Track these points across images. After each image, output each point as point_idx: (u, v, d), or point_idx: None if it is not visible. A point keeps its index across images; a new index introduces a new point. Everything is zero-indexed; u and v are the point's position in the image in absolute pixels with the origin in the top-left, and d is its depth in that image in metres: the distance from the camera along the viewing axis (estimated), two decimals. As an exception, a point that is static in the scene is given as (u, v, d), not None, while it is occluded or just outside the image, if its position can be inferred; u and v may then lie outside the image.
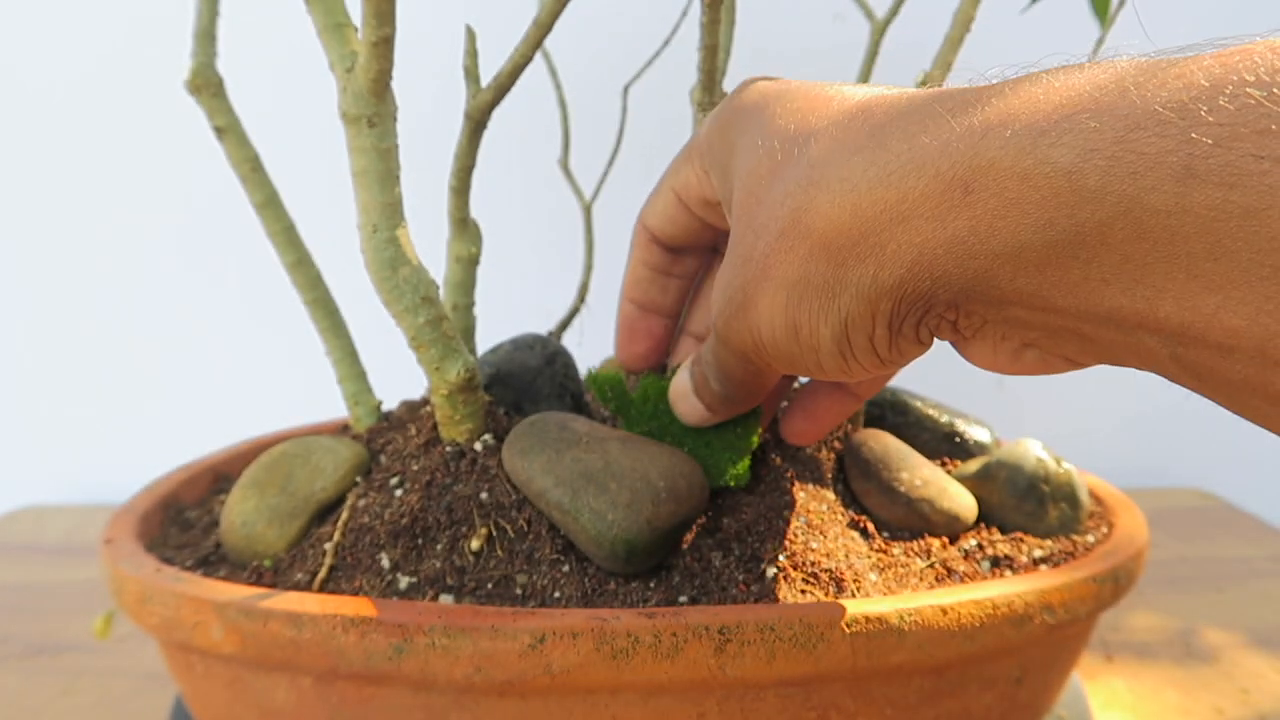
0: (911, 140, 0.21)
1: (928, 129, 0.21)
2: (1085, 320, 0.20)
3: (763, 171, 0.26)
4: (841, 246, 0.23)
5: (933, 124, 0.21)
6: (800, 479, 0.38)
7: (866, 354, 0.25)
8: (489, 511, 0.34)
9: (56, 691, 0.51)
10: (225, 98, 0.38)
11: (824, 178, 0.23)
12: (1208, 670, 0.53)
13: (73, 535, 0.78)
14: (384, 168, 0.33)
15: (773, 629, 0.28)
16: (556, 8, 0.35)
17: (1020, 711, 0.34)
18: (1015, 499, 0.39)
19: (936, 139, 0.21)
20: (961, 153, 0.20)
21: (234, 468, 0.45)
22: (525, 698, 0.29)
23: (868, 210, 0.22)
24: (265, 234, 0.40)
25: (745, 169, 0.27)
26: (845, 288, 0.23)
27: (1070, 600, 0.32)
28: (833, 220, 0.23)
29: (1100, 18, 0.43)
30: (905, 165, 0.21)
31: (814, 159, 0.24)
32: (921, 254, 0.21)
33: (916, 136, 0.21)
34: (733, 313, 0.27)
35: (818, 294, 0.24)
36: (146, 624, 0.32)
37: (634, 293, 0.36)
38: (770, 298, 0.25)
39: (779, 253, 0.24)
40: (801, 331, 0.25)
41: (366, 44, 0.31)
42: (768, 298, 0.25)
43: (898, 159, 0.21)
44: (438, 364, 0.35)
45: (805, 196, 0.23)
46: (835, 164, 0.23)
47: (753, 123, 0.27)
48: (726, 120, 0.29)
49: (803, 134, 0.25)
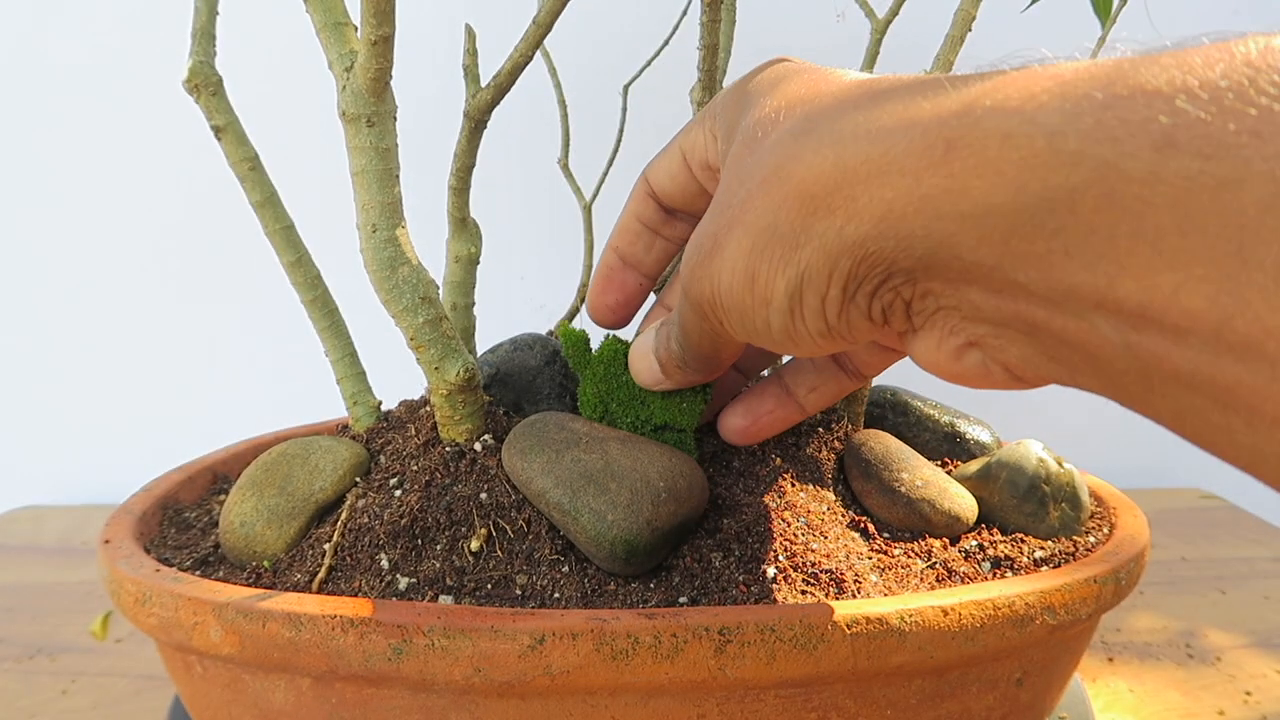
0: (908, 103, 0.22)
1: (927, 95, 0.22)
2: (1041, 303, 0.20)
3: (764, 126, 0.26)
4: (815, 195, 0.23)
5: (933, 92, 0.22)
6: (800, 479, 0.38)
7: (816, 316, 0.24)
8: (488, 512, 0.34)
9: (54, 692, 0.51)
10: (224, 97, 0.38)
11: (816, 128, 0.23)
12: (1209, 671, 0.53)
13: (71, 536, 0.77)
14: (383, 167, 0.33)
15: (773, 630, 0.28)
16: (556, 7, 0.34)
17: (1022, 713, 0.34)
18: (1016, 500, 0.39)
19: (932, 103, 0.21)
20: (953, 113, 0.21)
21: (232, 468, 0.45)
22: (525, 699, 0.29)
23: (850, 161, 0.22)
24: (264, 233, 0.40)
25: (747, 126, 0.27)
26: (810, 239, 0.23)
27: (1071, 601, 0.32)
28: (813, 168, 0.23)
29: (1102, 17, 0.43)
30: (896, 124, 0.22)
31: (811, 113, 0.24)
32: (890, 209, 0.21)
33: (914, 100, 0.22)
34: (699, 260, 0.27)
35: (782, 243, 0.24)
36: (145, 625, 0.32)
37: (620, 241, 0.36)
38: (736, 243, 0.25)
39: (755, 197, 0.24)
40: (758, 281, 0.25)
41: (366, 43, 0.31)
42: (734, 243, 0.25)
43: (891, 117, 0.22)
44: (437, 364, 0.35)
45: (795, 145, 0.24)
46: (830, 117, 0.23)
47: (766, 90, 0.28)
48: (744, 89, 0.29)
49: (808, 96, 0.25)
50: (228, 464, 0.46)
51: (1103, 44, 0.45)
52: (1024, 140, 0.19)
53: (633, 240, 0.36)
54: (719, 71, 0.41)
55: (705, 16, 0.38)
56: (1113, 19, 0.43)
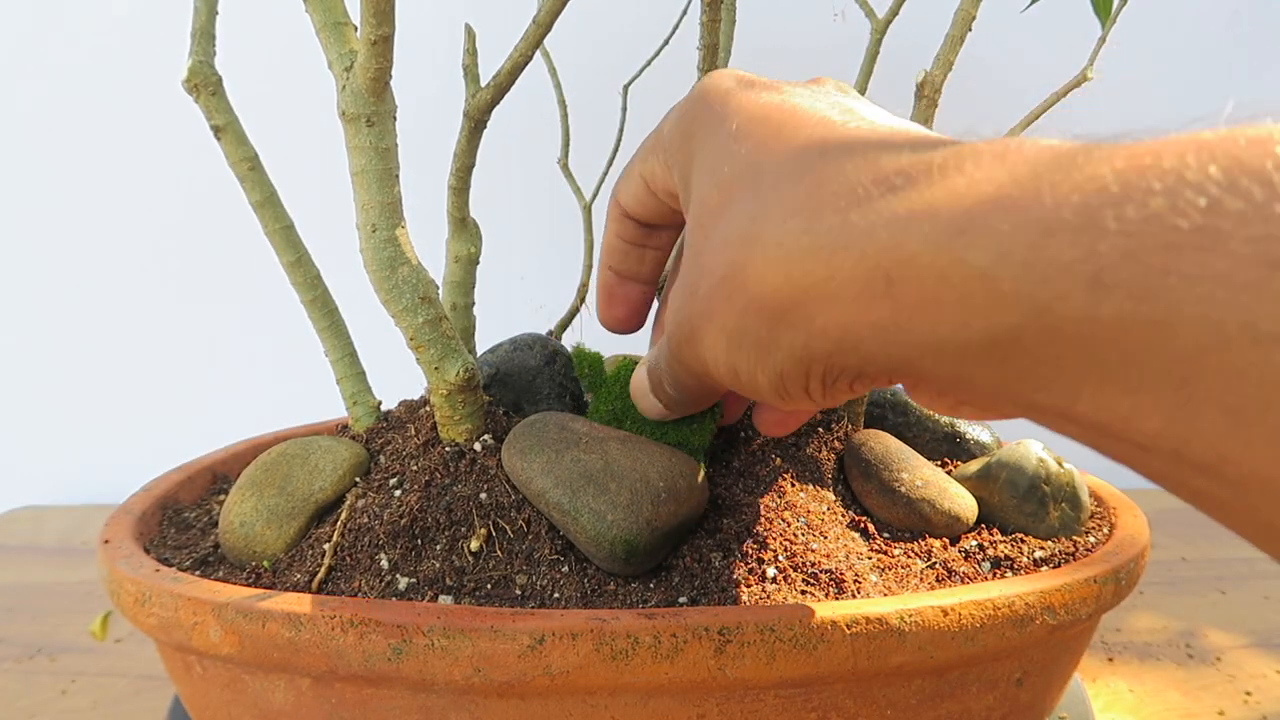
0: (843, 215, 0.22)
1: (860, 205, 0.22)
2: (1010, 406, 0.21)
3: (712, 204, 0.26)
4: (775, 309, 0.23)
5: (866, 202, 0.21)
6: (800, 479, 0.38)
7: (803, 399, 0.26)
8: (488, 512, 0.34)
9: (54, 693, 0.51)
10: (223, 96, 0.38)
11: (760, 236, 0.24)
12: (1210, 671, 0.53)
13: (70, 536, 0.77)
14: (383, 167, 0.33)
15: (773, 630, 0.28)
16: (556, 7, 0.34)
17: (1021, 713, 0.34)
18: (1016, 500, 0.39)
19: (864, 219, 0.21)
20: (885, 241, 0.21)
21: (232, 468, 0.45)
22: (524, 699, 0.29)
23: (799, 280, 0.22)
24: (264, 233, 0.40)
25: (698, 194, 0.27)
26: (779, 347, 0.24)
27: (1072, 601, 0.32)
28: (767, 283, 0.23)
29: (1102, 17, 0.43)
30: (835, 242, 0.22)
31: (754, 213, 0.24)
32: (847, 333, 0.22)
33: (848, 212, 0.22)
34: (683, 339, 0.28)
35: (755, 347, 0.25)
36: (144, 625, 0.32)
37: (611, 260, 0.36)
38: (713, 339, 0.26)
39: (720, 299, 0.25)
40: (741, 375, 0.26)
41: (365, 43, 0.31)
42: (710, 338, 0.26)
43: (829, 233, 0.22)
44: (437, 364, 0.35)
45: (743, 252, 0.24)
46: (772, 223, 0.23)
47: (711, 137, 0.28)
48: (688, 126, 0.29)
49: (751, 169, 0.25)
50: (228, 464, 0.46)
51: (1103, 44, 0.45)
52: (959, 281, 0.19)
53: (622, 258, 0.36)
54: (719, 71, 0.41)
55: (705, 16, 0.38)
56: (1113, 19, 0.43)
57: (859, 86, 0.46)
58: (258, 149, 0.40)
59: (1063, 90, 0.44)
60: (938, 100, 0.42)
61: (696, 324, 0.26)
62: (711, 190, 0.26)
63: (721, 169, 0.26)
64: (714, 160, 0.27)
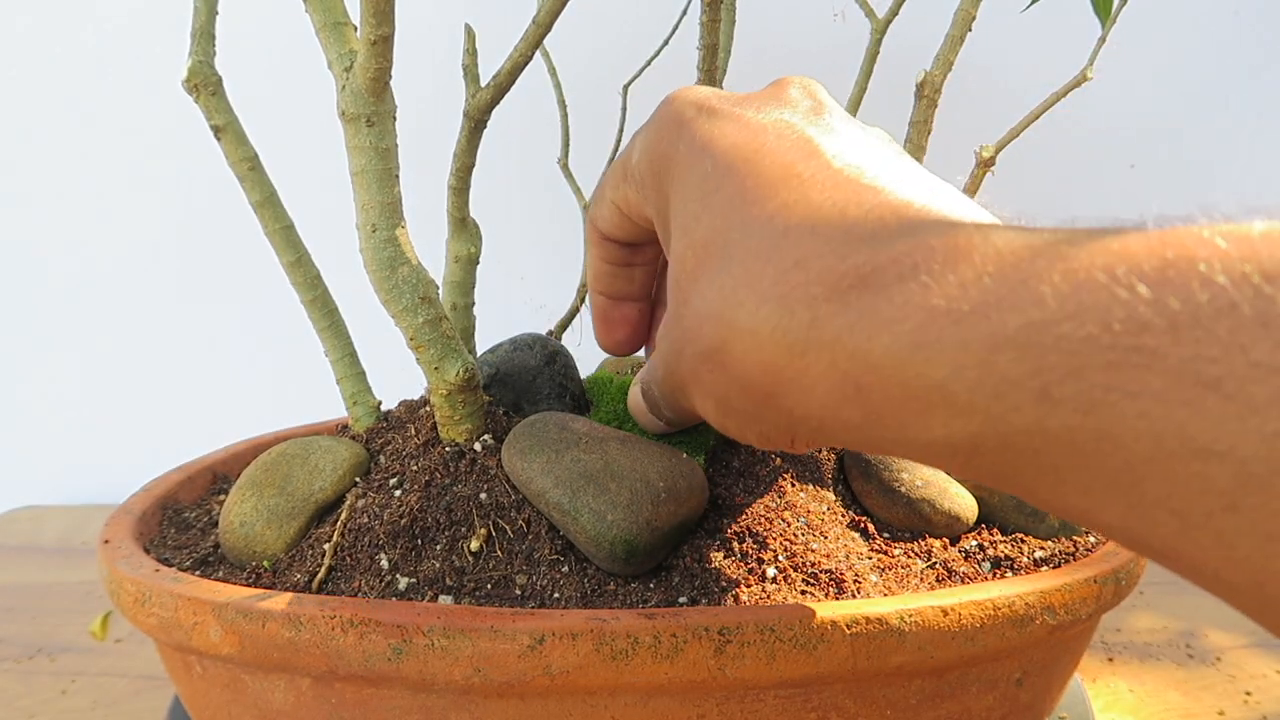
0: (814, 310, 0.22)
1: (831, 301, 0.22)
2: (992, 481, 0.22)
3: (689, 266, 0.27)
4: (756, 389, 0.24)
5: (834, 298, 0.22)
6: (800, 479, 0.38)
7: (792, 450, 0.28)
8: (488, 512, 0.34)
9: (54, 692, 0.51)
10: (223, 96, 0.38)
11: (735, 322, 0.24)
12: (1210, 672, 0.53)
13: (70, 536, 0.77)
14: (383, 167, 0.33)
15: (773, 630, 0.28)
16: (556, 7, 0.34)
17: (1021, 713, 0.34)
18: (1016, 500, 0.39)
19: (835, 321, 0.22)
20: (853, 349, 0.21)
21: (232, 468, 0.45)
22: (524, 699, 0.29)
23: (776, 372, 0.23)
24: (264, 233, 0.40)
25: (676, 251, 0.28)
26: (764, 418, 0.25)
27: (1072, 601, 0.32)
28: (746, 369, 0.24)
29: (1102, 17, 0.43)
30: (806, 341, 0.22)
31: (726, 291, 0.25)
32: (824, 424, 0.23)
33: (818, 307, 0.22)
34: (675, 388, 0.29)
35: (741, 415, 0.26)
36: (144, 625, 0.32)
37: (599, 286, 0.36)
38: (701, 400, 0.27)
39: (705, 371, 0.26)
40: (730, 430, 0.27)
41: (365, 42, 0.31)
42: (699, 399, 0.27)
43: (801, 329, 0.22)
44: (437, 364, 0.35)
45: (720, 335, 0.25)
46: (746, 310, 0.24)
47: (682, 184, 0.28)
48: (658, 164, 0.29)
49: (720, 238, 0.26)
50: (228, 464, 0.46)
51: (1103, 44, 0.45)
52: (920, 392, 0.20)
53: (610, 281, 0.36)
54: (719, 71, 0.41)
55: (705, 16, 0.38)
56: (1113, 19, 0.43)
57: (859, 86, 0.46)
58: (258, 149, 0.40)
59: (1063, 90, 0.44)
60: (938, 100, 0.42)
61: (686, 382, 0.27)
62: (686, 251, 0.27)
63: (694, 230, 0.27)
64: (686, 216, 0.27)
